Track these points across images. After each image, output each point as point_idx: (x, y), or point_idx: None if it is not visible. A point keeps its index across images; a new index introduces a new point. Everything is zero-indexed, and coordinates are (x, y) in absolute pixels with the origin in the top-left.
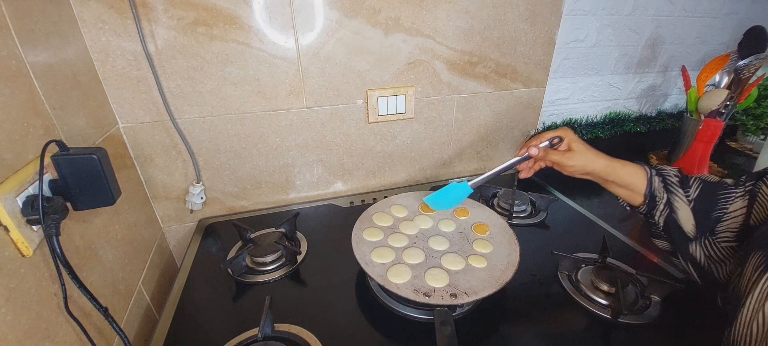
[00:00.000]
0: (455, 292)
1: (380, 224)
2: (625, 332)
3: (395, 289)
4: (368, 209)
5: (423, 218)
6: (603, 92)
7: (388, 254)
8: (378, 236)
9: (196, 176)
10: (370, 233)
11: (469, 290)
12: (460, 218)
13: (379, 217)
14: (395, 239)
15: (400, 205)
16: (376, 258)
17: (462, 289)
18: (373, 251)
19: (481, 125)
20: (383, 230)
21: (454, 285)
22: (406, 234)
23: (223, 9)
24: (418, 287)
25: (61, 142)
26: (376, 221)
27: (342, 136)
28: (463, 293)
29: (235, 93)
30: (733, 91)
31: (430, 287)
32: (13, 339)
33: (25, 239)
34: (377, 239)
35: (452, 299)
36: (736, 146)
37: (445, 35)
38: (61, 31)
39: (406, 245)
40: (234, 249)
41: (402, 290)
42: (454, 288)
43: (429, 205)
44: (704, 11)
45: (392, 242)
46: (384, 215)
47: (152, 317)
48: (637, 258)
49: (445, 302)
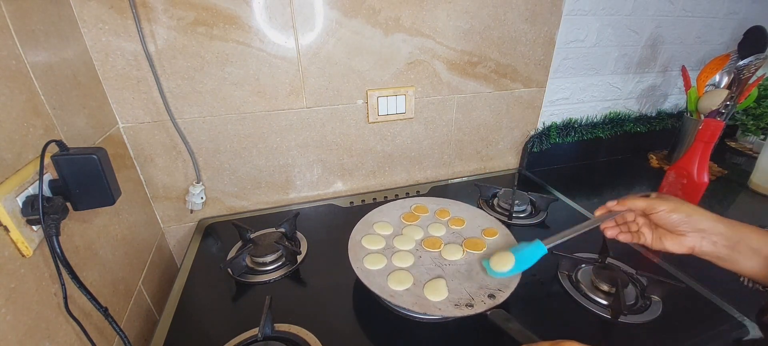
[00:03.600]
0: (491, 292)
1: (373, 248)
2: (625, 332)
3: (437, 311)
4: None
5: (413, 229)
6: (603, 92)
7: (406, 278)
8: (382, 262)
9: (196, 176)
10: (372, 262)
11: (501, 286)
12: (453, 227)
13: (369, 240)
14: (400, 258)
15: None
16: (396, 286)
17: (494, 287)
18: (388, 279)
19: (481, 125)
20: (382, 253)
21: (484, 286)
22: (406, 250)
23: (223, 9)
24: (457, 300)
25: (61, 143)
26: (369, 246)
27: (342, 136)
28: (498, 290)
29: (235, 93)
30: (733, 91)
31: (469, 296)
32: (13, 339)
33: (25, 239)
34: (383, 265)
35: (492, 300)
36: (736, 146)
37: (445, 35)
38: (61, 32)
39: (413, 262)
40: (234, 249)
41: (444, 309)
42: (486, 288)
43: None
44: (704, 11)
45: (399, 263)
46: (374, 236)
47: (152, 317)
48: (637, 258)
49: (488, 306)
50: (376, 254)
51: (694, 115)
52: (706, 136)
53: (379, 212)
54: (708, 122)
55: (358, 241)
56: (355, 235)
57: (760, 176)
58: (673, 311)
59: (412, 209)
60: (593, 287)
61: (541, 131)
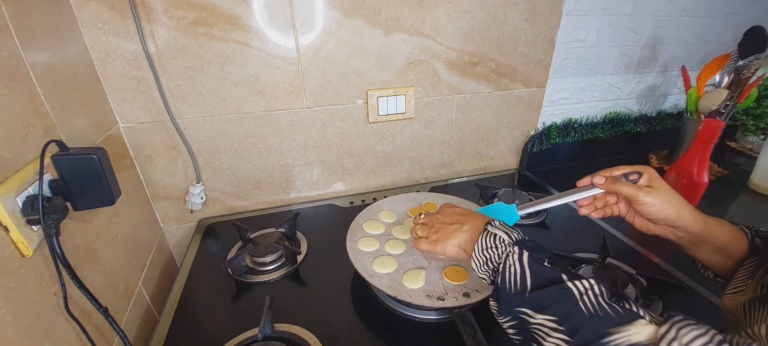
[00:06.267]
0: (467, 291)
1: (372, 232)
2: None
3: (408, 297)
4: (356, 217)
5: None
6: (603, 92)
7: (390, 263)
8: (374, 245)
9: (196, 176)
10: (365, 244)
11: (480, 287)
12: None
13: (370, 225)
14: (392, 245)
15: (389, 210)
16: (378, 268)
17: (472, 287)
18: (374, 261)
19: (481, 125)
20: (377, 238)
21: (465, 284)
22: (402, 239)
23: (223, 9)
24: (430, 292)
25: (61, 143)
26: (367, 230)
27: (342, 136)
28: (475, 291)
29: (235, 93)
30: (733, 91)
31: (443, 290)
32: (13, 339)
33: (25, 239)
34: (374, 249)
35: (466, 299)
36: (736, 146)
37: (445, 35)
38: (61, 32)
39: (403, 250)
40: (234, 249)
41: (415, 297)
42: (465, 287)
43: None
44: (704, 11)
45: (390, 250)
46: (376, 222)
47: (152, 317)
48: (637, 258)
49: (459, 304)
50: (371, 238)
51: (694, 115)
52: (706, 136)
53: (389, 202)
54: (708, 122)
55: (360, 224)
56: (359, 219)
57: (760, 176)
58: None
59: (422, 205)
60: None
61: (541, 131)
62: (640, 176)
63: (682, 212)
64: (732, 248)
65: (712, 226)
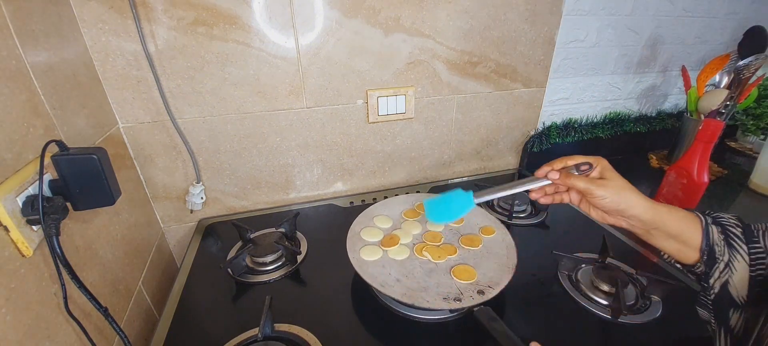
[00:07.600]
0: (481, 288)
1: (370, 239)
2: (625, 332)
3: (425, 303)
4: (352, 225)
5: (411, 224)
6: (603, 92)
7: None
8: (377, 254)
9: (196, 176)
10: (368, 253)
11: (491, 283)
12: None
13: (367, 232)
14: (395, 252)
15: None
16: (386, 276)
17: (484, 284)
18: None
19: (481, 125)
20: (378, 246)
21: (476, 282)
22: (404, 244)
23: (223, 9)
24: (446, 294)
25: (61, 142)
26: (365, 238)
27: (342, 136)
28: (488, 287)
29: (235, 93)
30: (733, 91)
31: (457, 291)
32: (13, 339)
33: (25, 239)
34: (377, 257)
35: (481, 296)
36: (736, 146)
37: (445, 35)
38: (61, 32)
39: (408, 255)
40: (234, 249)
41: (433, 302)
42: (477, 284)
43: (428, 215)
44: (704, 11)
45: (394, 256)
46: (373, 229)
47: (152, 317)
48: (637, 258)
49: (476, 302)
50: (372, 246)
51: (694, 115)
52: (706, 136)
53: (383, 206)
54: (708, 122)
55: (357, 232)
56: (355, 226)
57: (760, 176)
58: (673, 311)
59: (416, 206)
60: (593, 287)
61: (541, 131)
62: (591, 166)
63: (631, 201)
64: (685, 235)
65: (662, 213)
